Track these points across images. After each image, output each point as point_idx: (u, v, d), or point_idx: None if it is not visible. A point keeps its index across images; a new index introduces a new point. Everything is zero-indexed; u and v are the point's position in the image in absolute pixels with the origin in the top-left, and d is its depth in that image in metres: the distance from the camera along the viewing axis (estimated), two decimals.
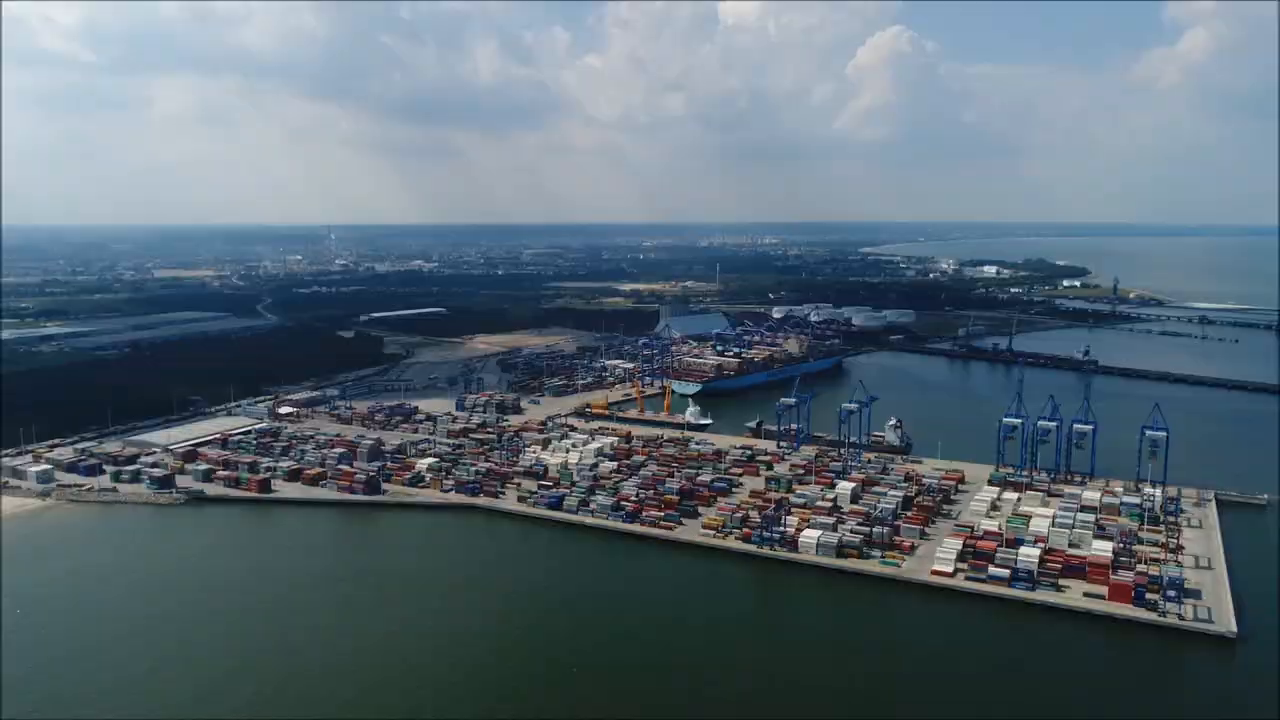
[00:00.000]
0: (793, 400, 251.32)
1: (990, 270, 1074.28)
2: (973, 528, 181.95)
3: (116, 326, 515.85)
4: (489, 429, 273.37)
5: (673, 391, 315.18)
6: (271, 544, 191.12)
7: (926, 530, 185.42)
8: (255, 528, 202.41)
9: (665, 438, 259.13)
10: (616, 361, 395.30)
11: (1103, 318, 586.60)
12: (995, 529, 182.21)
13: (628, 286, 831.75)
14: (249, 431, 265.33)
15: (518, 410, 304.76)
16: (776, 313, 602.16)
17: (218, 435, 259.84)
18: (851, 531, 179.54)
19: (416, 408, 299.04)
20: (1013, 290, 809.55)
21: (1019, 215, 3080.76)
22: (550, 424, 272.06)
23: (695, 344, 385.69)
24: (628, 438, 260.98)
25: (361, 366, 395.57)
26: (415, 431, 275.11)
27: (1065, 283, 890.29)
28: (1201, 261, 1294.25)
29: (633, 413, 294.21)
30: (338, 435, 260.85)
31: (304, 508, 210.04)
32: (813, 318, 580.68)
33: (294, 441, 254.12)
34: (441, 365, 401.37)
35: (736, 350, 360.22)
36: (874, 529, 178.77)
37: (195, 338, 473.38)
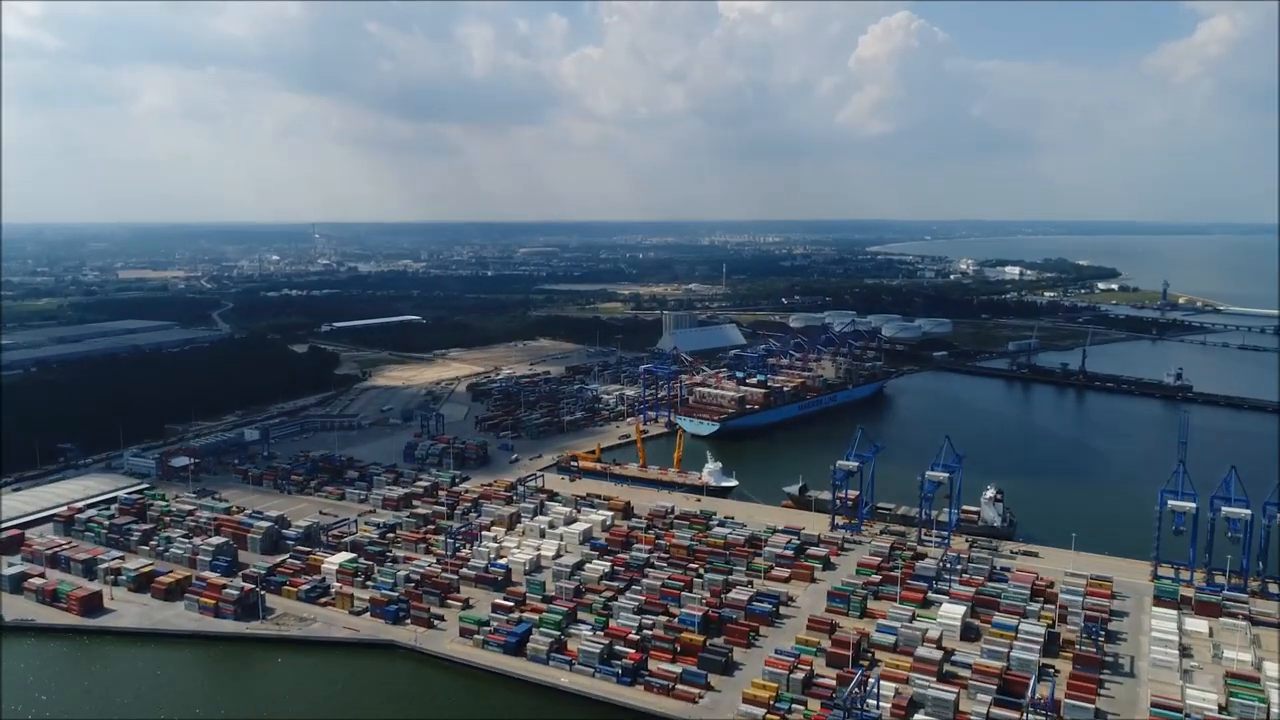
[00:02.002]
0: (854, 464, 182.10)
1: (1013, 271, 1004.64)
2: (1184, 714, 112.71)
3: (37, 339, 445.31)
4: (441, 493, 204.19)
5: (684, 432, 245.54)
6: None
7: (1099, 706, 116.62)
8: (47, 688, 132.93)
9: (677, 513, 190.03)
10: (613, 387, 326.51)
11: (1165, 327, 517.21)
12: (1217, 712, 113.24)
13: (626, 289, 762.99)
14: (113, 500, 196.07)
15: (484, 460, 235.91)
16: (794, 322, 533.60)
17: (65, 508, 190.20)
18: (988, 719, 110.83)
19: (349, 460, 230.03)
20: (1048, 295, 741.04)
21: (1021, 213, 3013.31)
22: (521, 490, 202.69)
23: (708, 369, 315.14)
24: (625, 510, 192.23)
25: (305, 392, 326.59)
26: (341, 498, 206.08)
27: (1101, 285, 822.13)
28: (1221, 261, 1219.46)
29: (632, 467, 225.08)
30: (230, 508, 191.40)
31: (144, 644, 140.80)
32: (836, 328, 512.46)
33: (166, 519, 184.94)
34: (402, 392, 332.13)
35: (759, 377, 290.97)
36: (1027, 716, 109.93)
37: (120, 354, 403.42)
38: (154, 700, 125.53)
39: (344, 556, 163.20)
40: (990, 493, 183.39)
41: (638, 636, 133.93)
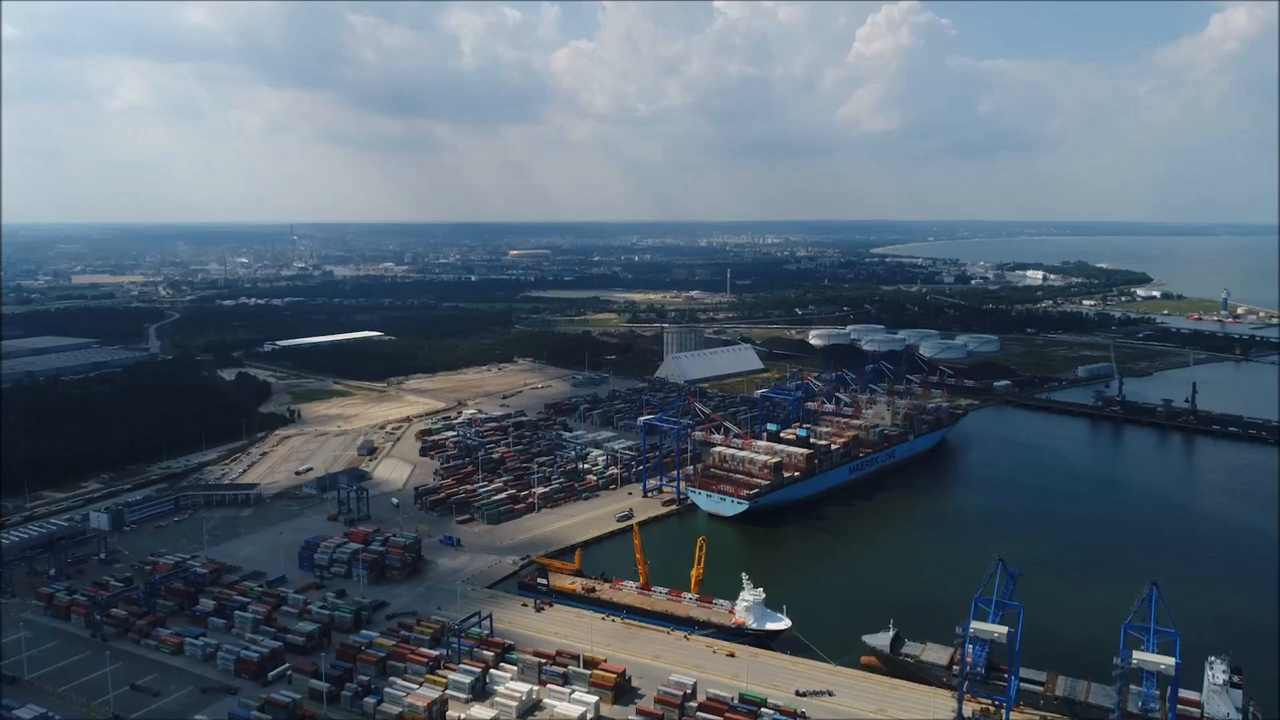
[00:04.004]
0: (1001, 629, 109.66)
1: (1036, 275, 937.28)
2: None
3: None
4: (336, 648, 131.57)
5: (706, 540, 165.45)
6: None
7: None
8: None
9: (702, 698, 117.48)
10: (604, 434, 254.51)
11: (1248, 345, 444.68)
12: None
13: (621, 297, 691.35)
14: None
15: (414, 570, 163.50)
16: (815, 339, 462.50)
17: None
18: None
19: (215, 571, 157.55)
20: (1086, 303, 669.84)
21: (1022, 214, 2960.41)
22: (456, 644, 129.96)
23: (732, 426, 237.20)
24: (618, 688, 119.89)
25: (212, 440, 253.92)
26: (178, 650, 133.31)
27: (1141, 293, 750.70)
28: (1235, 263, 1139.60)
29: (629, 587, 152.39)
30: None
31: None
32: (865, 345, 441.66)
33: None
34: (333, 441, 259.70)
35: (801, 432, 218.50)
36: None
37: (10, 383, 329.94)
38: None
39: None
40: (1220, 672, 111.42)
41: None
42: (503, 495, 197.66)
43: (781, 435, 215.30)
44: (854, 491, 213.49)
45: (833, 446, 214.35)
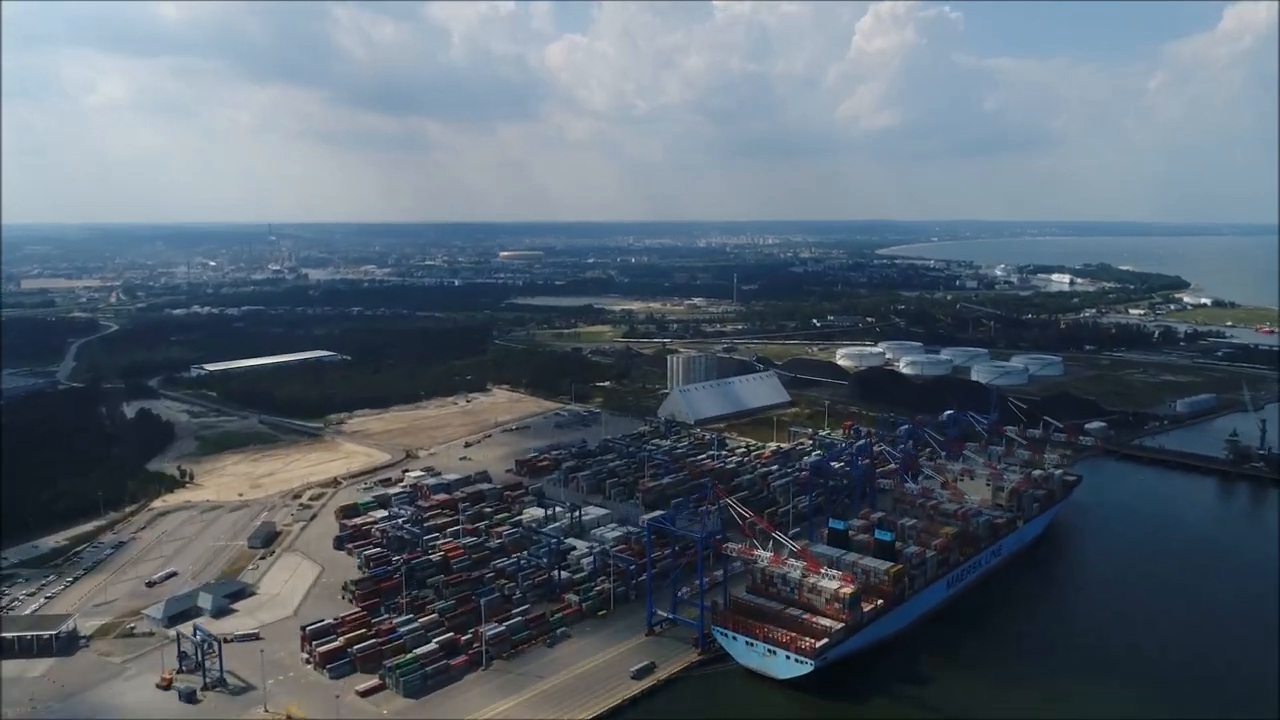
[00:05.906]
0: None
1: (1063, 279, 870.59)
2: None
3: None
4: None
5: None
6: None
7: None
8: None
9: None
10: (591, 515, 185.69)
11: None
12: None
13: (617, 306, 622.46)
14: None
15: None
16: (844, 359, 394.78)
17: None
18: None
19: None
20: (1134, 312, 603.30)
21: (1022, 214, 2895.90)
22: None
23: (786, 541, 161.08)
24: None
25: (60, 519, 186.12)
26: None
27: (1189, 300, 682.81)
28: (1251, 265, 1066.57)
29: None
30: None
31: None
32: (904, 369, 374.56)
33: None
34: (225, 517, 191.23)
35: (881, 534, 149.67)
36: None
37: None
38: None
39: None
40: None
41: None
42: (433, 644, 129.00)
43: (851, 536, 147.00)
44: (954, 616, 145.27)
45: (927, 554, 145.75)
